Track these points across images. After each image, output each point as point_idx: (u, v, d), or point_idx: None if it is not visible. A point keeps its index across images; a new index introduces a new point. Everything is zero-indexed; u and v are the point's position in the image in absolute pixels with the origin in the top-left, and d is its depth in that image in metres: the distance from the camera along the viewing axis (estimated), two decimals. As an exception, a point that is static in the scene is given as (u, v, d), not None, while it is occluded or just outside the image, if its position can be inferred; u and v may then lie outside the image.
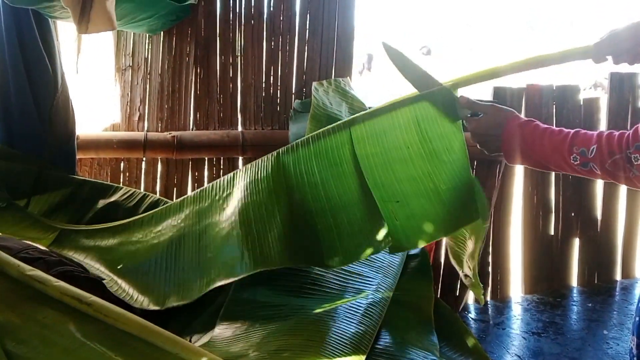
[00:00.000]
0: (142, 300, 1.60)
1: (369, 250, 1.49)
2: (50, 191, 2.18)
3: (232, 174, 1.79)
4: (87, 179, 2.38)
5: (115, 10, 2.12)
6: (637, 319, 1.68)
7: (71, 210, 2.16)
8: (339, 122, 1.64)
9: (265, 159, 1.71)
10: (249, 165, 1.76)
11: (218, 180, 1.83)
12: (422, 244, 1.48)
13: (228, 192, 1.74)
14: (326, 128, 1.65)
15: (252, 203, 1.63)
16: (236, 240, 1.56)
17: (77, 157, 2.44)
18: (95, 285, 1.44)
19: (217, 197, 1.75)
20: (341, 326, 1.32)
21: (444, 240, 3.42)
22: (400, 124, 1.53)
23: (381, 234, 1.49)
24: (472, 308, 3.57)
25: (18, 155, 2.20)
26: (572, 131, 1.38)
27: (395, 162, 1.51)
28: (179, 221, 1.77)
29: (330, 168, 1.58)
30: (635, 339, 1.68)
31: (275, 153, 1.70)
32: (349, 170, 1.56)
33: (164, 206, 1.89)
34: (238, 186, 1.72)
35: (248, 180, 1.69)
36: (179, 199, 1.87)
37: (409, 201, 1.48)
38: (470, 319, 3.45)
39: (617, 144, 1.29)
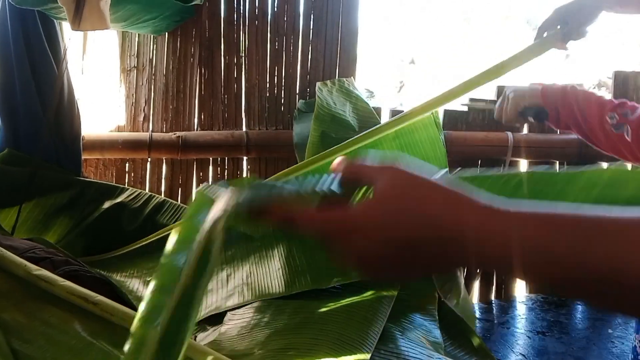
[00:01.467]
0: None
1: None
2: (55, 192, 2.19)
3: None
4: (92, 180, 2.39)
5: (119, 12, 2.14)
6: None
7: (77, 212, 2.17)
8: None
9: None
10: None
11: None
12: None
13: None
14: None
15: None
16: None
17: (83, 157, 2.45)
18: (101, 284, 1.45)
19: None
20: (345, 325, 1.33)
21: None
22: None
23: None
24: (476, 307, 3.57)
25: (24, 158, 2.20)
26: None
27: None
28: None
29: None
30: (639, 337, 1.68)
31: None
32: None
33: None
34: None
35: None
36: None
37: None
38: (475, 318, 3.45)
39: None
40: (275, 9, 2.94)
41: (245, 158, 2.99)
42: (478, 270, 3.44)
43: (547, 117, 1.50)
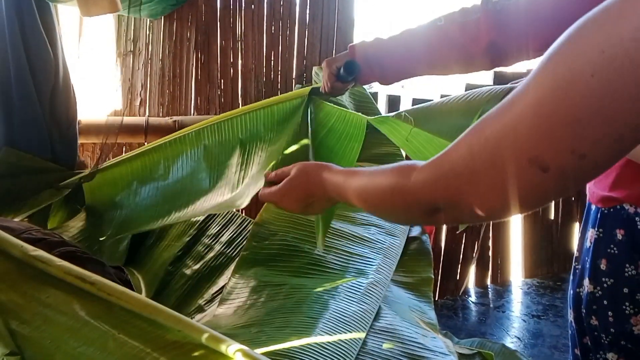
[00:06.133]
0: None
1: None
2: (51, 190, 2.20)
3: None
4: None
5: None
6: (572, 292, 1.70)
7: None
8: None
9: None
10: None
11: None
12: None
13: None
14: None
15: None
16: None
17: (79, 142, 2.45)
18: (97, 265, 1.45)
19: None
20: (341, 305, 1.34)
21: (444, 225, 3.44)
22: None
23: None
24: (472, 292, 3.60)
25: (21, 156, 2.20)
26: None
27: None
28: None
29: None
30: (572, 313, 1.71)
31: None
32: None
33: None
34: None
35: None
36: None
37: None
38: (470, 302, 3.47)
39: None
40: (272, -6, 2.93)
41: (241, 143, 2.99)
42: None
43: (359, 69, 1.47)
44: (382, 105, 3.06)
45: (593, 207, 1.65)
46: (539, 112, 0.58)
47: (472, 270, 3.61)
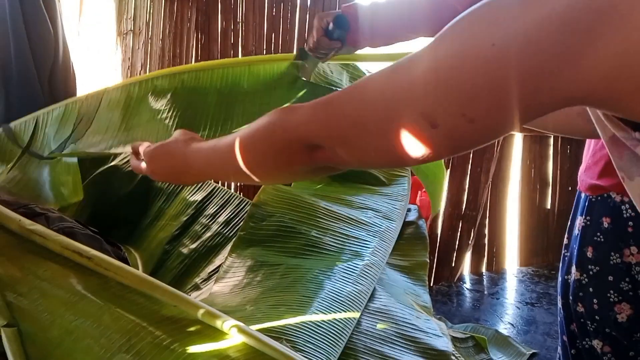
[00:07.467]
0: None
1: None
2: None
3: None
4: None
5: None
6: (560, 279, 1.73)
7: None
8: None
9: None
10: None
11: None
12: None
13: None
14: None
15: None
16: None
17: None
18: (94, 241, 1.46)
19: None
20: (337, 285, 1.34)
21: (441, 212, 3.45)
22: None
23: None
24: (467, 278, 3.61)
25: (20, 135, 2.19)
26: None
27: None
28: None
29: None
30: (561, 300, 1.73)
31: None
32: None
33: None
34: None
35: None
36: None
37: None
38: (465, 289, 3.49)
39: None
40: (274, -25, 2.92)
41: (240, 125, 2.99)
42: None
43: (347, 25, 1.40)
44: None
45: (582, 195, 1.67)
46: (436, 73, 0.59)
47: (468, 257, 3.62)
